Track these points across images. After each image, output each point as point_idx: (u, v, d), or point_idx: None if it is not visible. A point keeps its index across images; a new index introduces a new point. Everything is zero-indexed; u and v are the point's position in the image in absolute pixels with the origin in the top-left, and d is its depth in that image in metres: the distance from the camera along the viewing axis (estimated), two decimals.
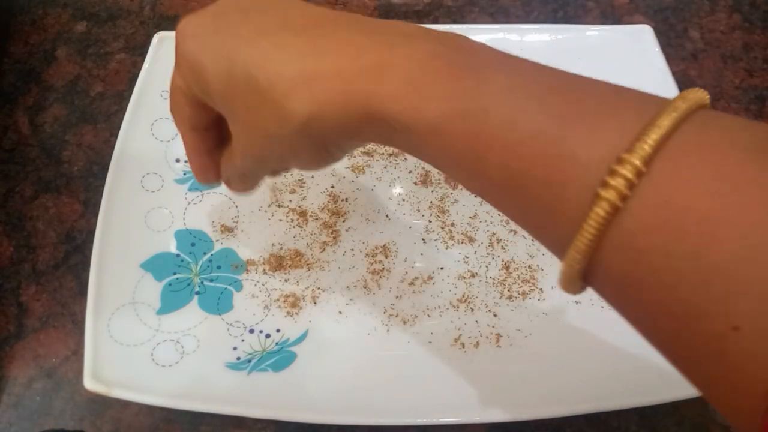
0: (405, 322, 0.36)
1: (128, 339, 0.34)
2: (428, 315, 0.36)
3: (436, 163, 0.21)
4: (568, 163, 0.17)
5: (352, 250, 0.38)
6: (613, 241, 0.16)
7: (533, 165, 0.17)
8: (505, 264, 0.38)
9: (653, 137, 0.16)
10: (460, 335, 0.36)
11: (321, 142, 0.22)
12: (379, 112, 0.19)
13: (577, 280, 0.18)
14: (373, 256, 0.38)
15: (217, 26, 0.23)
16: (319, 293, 0.37)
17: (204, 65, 0.22)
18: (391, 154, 0.41)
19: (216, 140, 0.27)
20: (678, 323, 0.16)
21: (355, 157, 0.41)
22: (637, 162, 0.15)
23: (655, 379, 0.33)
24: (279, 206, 0.40)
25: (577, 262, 0.17)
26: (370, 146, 0.42)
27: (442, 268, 0.38)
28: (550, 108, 0.18)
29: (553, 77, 0.19)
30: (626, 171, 0.15)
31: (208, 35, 0.22)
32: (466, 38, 0.21)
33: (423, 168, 0.41)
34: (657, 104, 0.17)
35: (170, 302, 0.36)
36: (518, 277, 0.37)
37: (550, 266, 0.38)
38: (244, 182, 0.28)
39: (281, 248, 0.38)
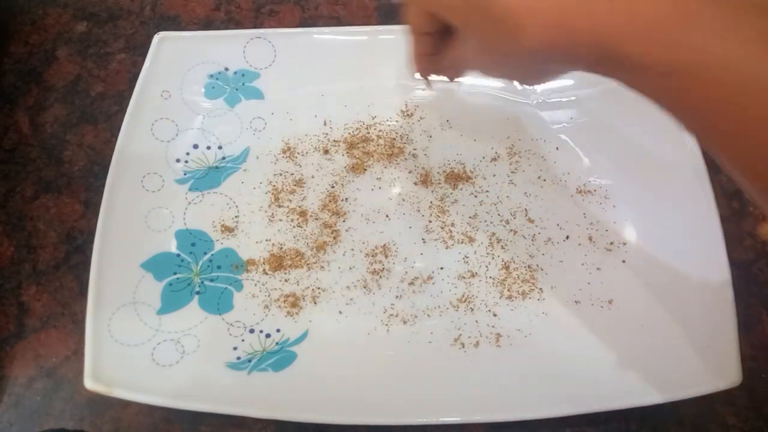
0: (405, 322, 0.36)
1: (128, 339, 0.34)
2: (428, 315, 0.36)
3: (660, 101, 0.22)
4: None
5: (352, 250, 0.38)
6: None
7: None
8: (505, 264, 0.38)
9: None
10: (460, 335, 0.36)
11: (545, 67, 0.24)
12: (617, 53, 0.20)
13: None
14: (373, 256, 0.38)
15: None
16: (319, 293, 0.37)
17: None
18: (390, 154, 0.41)
19: (438, 44, 0.30)
20: None
21: (355, 157, 0.41)
22: None
23: (655, 379, 0.33)
24: (279, 206, 0.40)
25: None
26: (370, 146, 0.42)
27: (442, 268, 0.38)
28: None
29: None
30: None
31: None
32: None
33: (423, 168, 0.41)
34: None
35: (170, 302, 0.36)
36: (518, 277, 0.37)
37: (550, 266, 0.38)
38: (458, 74, 0.33)
39: (281, 248, 0.38)
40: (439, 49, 0.30)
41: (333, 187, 0.40)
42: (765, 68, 0.19)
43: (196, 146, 0.41)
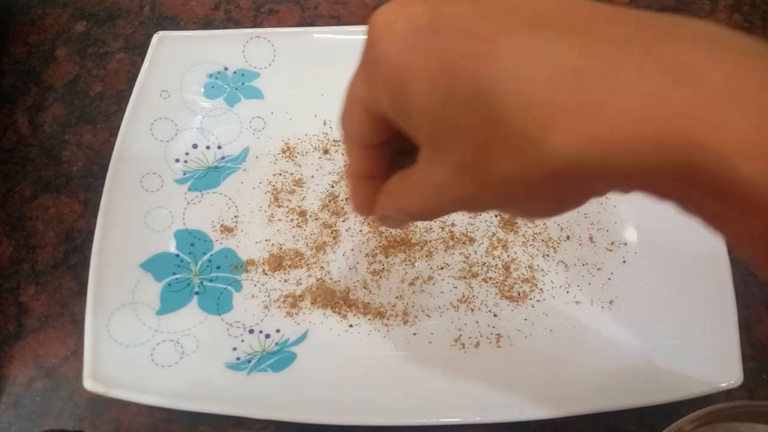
0: (405, 322, 0.36)
1: (128, 339, 0.34)
2: (428, 315, 0.36)
3: (742, 233, 0.16)
4: None
5: (352, 250, 0.38)
6: None
7: None
8: (505, 264, 0.38)
9: None
10: (460, 335, 0.36)
11: (577, 188, 0.17)
12: (704, 161, 0.13)
13: None
14: (373, 256, 0.38)
15: (436, 19, 0.16)
16: (319, 293, 0.37)
17: (410, 77, 0.16)
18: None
19: (386, 162, 0.22)
20: None
21: None
22: None
23: (655, 379, 0.33)
24: (279, 206, 0.40)
25: None
26: None
27: (442, 268, 0.38)
28: None
29: None
30: None
31: (421, 34, 0.16)
32: None
33: None
34: None
35: (170, 302, 0.36)
36: (518, 277, 0.37)
37: (550, 266, 0.38)
38: (403, 222, 0.23)
39: (281, 248, 0.38)
40: (387, 172, 0.22)
41: (333, 187, 0.40)
42: None
43: (195, 146, 0.41)
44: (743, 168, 0.13)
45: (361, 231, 0.39)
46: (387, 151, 0.22)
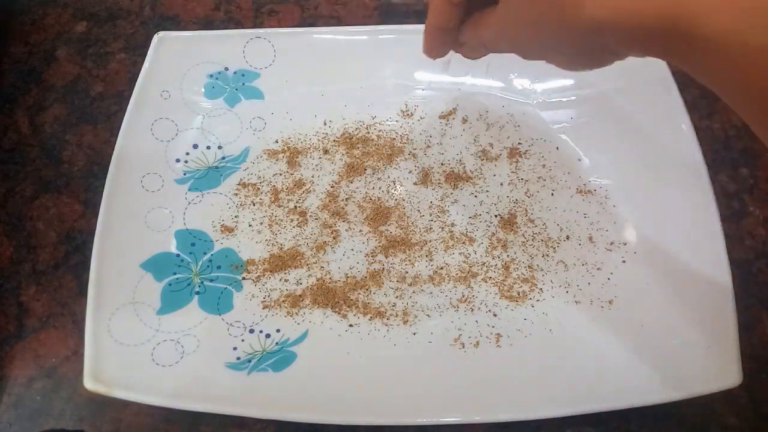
0: (405, 322, 0.36)
1: (128, 339, 0.34)
2: (428, 315, 0.36)
3: (726, 87, 0.19)
4: None
5: (352, 250, 0.38)
6: None
7: None
8: (505, 264, 0.38)
9: None
10: (460, 335, 0.36)
11: (600, 47, 0.21)
12: (691, 30, 0.18)
13: None
14: (373, 256, 0.38)
15: None
16: (319, 293, 0.37)
17: None
18: (390, 154, 0.41)
19: (460, 18, 0.27)
20: None
21: (355, 157, 0.41)
22: None
23: (655, 379, 0.33)
24: (279, 206, 0.40)
25: None
26: (370, 146, 0.42)
27: (442, 268, 0.38)
28: None
29: None
30: None
31: None
32: None
33: (423, 168, 0.41)
34: None
35: (170, 302, 0.36)
36: (518, 277, 0.37)
37: (550, 266, 0.38)
38: (478, 53, 0.28)
39: (281, 248, 0.38)
40: (460, 23, 0.27)
41: (333, 187, 0.40)
42: None
43: (195, 146, 0.41)
44: (713, 22, 0.17)
45: (361, 231, 0.39)
46: (462, 9, 0.26)
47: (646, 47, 0.20)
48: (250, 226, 0.39)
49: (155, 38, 0.42)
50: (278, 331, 0.36)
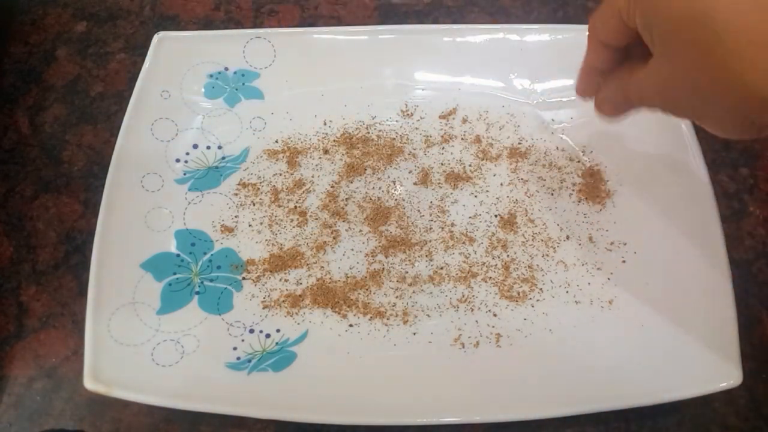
0: (405, 322, 0.36)
1: (128, 339, 0.34)
2: (428, 315, 0.36)
3: None
4: None
5: (352, 250, 0.38)
6: None
7: None
8: (505, 264, 0.38)
9: None
10: (460, 335, 0.36)
11: (760, 119, 0.19)
12: None
13: None
14: (373, 256, 0.38)
15: None
16: (319, 293, 0.37)
17: (658, 3, 0.20)
18: (390, 154, 0.41)
19: (615, 62, 0.26)
20: None
21: (355, 157, 0.41)
22: None
23: (655, 379, 0.33)
24: (279, 206, 0.40)
25: None
26: (370, 146, 0.42)
27: (442, 268, 0.38)
28: None
29: None
30: None
31: None
32: None
33: (423, 168, 0.41)
34: None
35: (170, 302, 0.36)
36: (518, 277, 0.37)
37: (550, 266, 0.38)
38: (619, 111, 0.27)
39: (281, 248, 0.38)
40: (615, 67, 0.26)
41: (333, 187, 0.40)
42: None
43: (195, 146, 0.41)
44: None
45: (361, 231, 0.39)
46: (619, 54, 0.25)
47: None
48: (250, 226, 0.39)
49: (155, 38, 0.42)
50: (278, 331, 0.36)
